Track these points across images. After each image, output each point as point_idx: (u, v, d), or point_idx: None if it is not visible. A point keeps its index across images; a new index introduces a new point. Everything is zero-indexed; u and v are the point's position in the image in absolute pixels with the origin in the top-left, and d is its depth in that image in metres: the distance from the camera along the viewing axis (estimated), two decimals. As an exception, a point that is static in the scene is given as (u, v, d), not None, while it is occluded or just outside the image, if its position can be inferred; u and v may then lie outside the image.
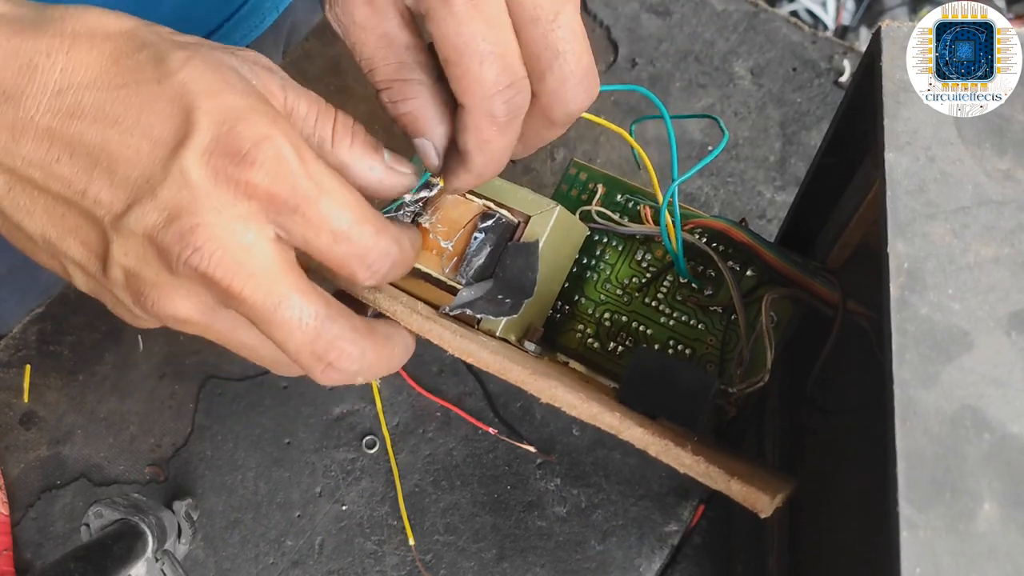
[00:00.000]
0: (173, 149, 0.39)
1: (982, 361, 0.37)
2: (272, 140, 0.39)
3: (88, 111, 0.39)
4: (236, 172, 0.39)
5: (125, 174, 0.39)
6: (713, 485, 0.45)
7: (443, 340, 0.50)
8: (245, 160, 0.39)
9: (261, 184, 0.39)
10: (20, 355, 0.79)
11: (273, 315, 0.41)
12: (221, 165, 0.39)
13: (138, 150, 0.39)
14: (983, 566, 0.33)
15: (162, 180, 0.39)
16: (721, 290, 0.57)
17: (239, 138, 0.39)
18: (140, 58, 0.40)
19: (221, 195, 0.39)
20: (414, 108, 0.47)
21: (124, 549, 0.63)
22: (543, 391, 0.47)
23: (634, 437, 0.46)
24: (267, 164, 0.39)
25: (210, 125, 0.39)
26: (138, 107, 0.39)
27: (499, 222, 0.55)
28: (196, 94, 0.39)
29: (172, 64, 0.40)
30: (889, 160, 0.41)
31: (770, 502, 0.44)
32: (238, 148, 0.39)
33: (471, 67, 0.43)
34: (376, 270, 0.44)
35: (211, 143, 0.39)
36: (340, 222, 0.41)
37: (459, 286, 0.55)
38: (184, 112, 0.39)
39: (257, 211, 0.40)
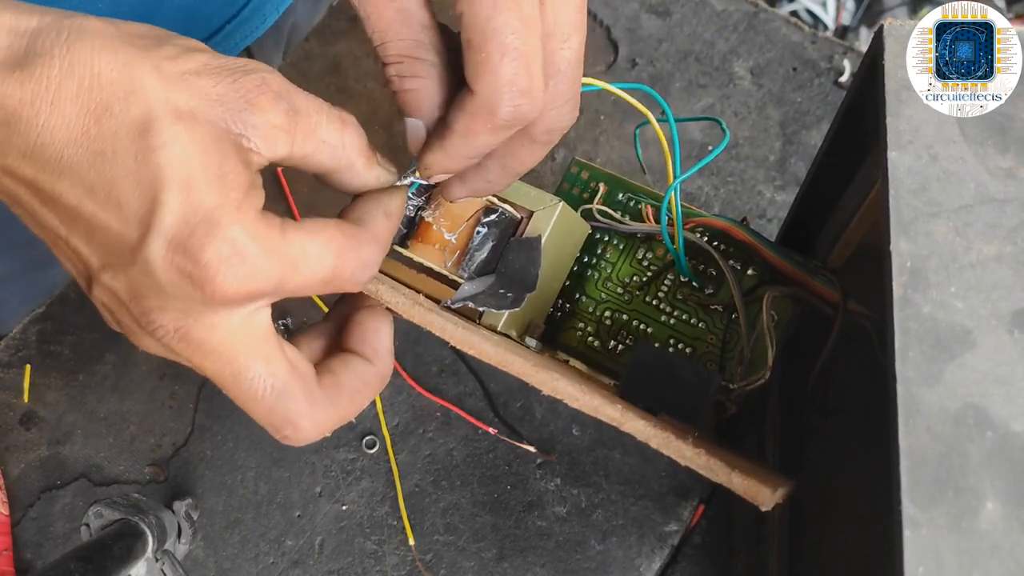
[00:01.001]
0: (139, 238, 0.38)
1: (985, 359, 0.37)
2: (234, 244, 0.39)
3: (66, 172, 0.39)
4: (200, 278, 0.38)
5: (100, 241, 0.39)
6: (714, 478, 0.45)
7: (445, 332, 0.49)
8: (207, 269, 0.38)
9: (229, 290, 0.39)
10: (20, 355, 0.79)
11: (232, 385, 0.42)
12: (184, 267, 0.38)
13: (108, 225, 0.39)
14: (986, 564, 0.33)
15: (130, 263, 0.39)
16: (722, 289, 0.57)
17: (199, 245, 0.38)
18: (125, 120, 0.38)
19: (186, 291, 0.39)
20: (421, 87, 0.46)
21: (124, 549, 0.63)
22: (544, 383, 0.47)
23: (636, 429, 0.46)
24: (231, 271, 0.39)
25: (172, 223, 0.38)
26: (111, 182, 0.38)
27: (502, 217, 0.55)
28: (165, 185, 0.38)
29: (154, 139, 0.38)
30: (892, 159, 0.41)
31: (771, 494, 0.44)
32: (198, 256, 0.38)
33: (492, 56, 0.42)
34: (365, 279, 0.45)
35: (172, 242, 0.38)
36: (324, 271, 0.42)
37: (461, 280, 0.55)
38: (151, 201, 0.38)
39: (229, 306, 0.40)
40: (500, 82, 0.43)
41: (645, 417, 0.47)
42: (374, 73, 0.89)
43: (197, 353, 0.41)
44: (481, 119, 0.44)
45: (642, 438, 0.46)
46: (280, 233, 0.40)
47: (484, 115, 0.44)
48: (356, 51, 0.90)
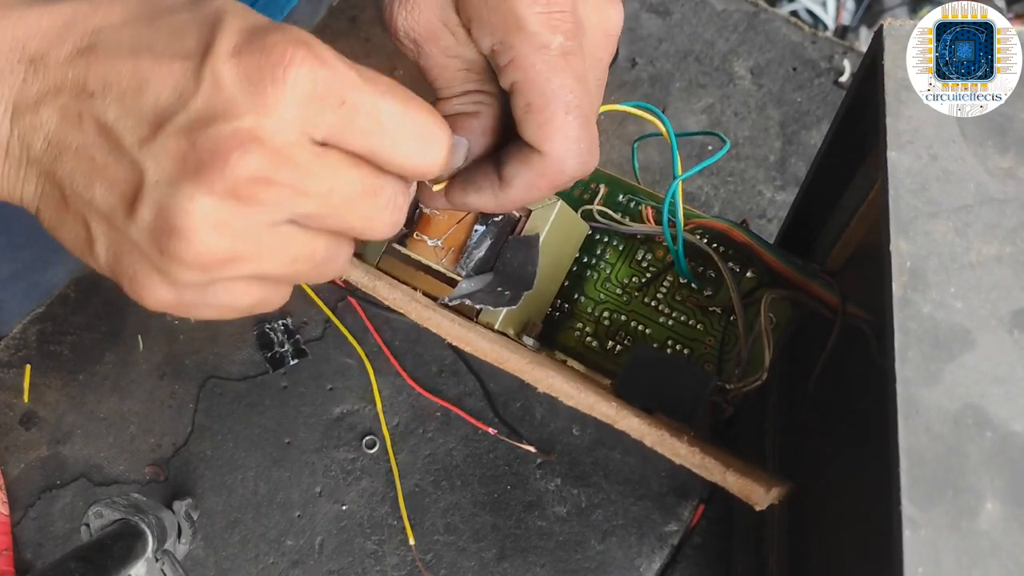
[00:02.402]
0: (202, 57, 0.38)
1: (984, 359, 0.37)
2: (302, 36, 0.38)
3: (124, 44, 0.39)
4: (271, 68, 0.37)
5: (156, 95, 0.38)
6: (709, 477, 0.45)
7: (442, 328, 0.50)
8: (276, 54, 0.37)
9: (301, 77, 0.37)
10: (20, 355, 0.79)
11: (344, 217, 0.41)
12: (254, 63, 0.37)
13: (169, 69, 0.38)
14: (985, 564, 0.33)
15: (194, 90, 0.38)
16: (720, 291, 0.57)
17: (267, 37, 0.38)
18: None
19: (259, 96, 0.37)
20: (483, 111, 0.47)
21: (124, 549, 0.63)
22: (540, 380, 0.47)
23: (630, 427, 0.46)
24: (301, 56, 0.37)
25: (236, 31, 0.38)
26: (170, 32, 0.39)
27: (500, 215, 0.55)
28: (225, 12, 0.38)
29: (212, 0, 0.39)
30: (891, 159, 0.41)
31: (765, 494, 0.44)
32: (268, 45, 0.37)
33: (556, 116, 0.44)
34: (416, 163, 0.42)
35: (240, 44, 0.37)
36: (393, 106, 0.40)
37: (459, 278, 0.55)
38: (211, 25, 0.38)
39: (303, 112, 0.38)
40: (569, 141, 0.44)
41: (640, 415, 0.47)
42: (374, 73, 0.89)
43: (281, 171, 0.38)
44: (548, 177, 0.45)
45: (636, 436, 0.46)
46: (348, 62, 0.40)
47: (553, 173, 0.45)
48: (356, 51, 0.90)
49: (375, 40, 0.91)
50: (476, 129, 0.48)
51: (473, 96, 0.47)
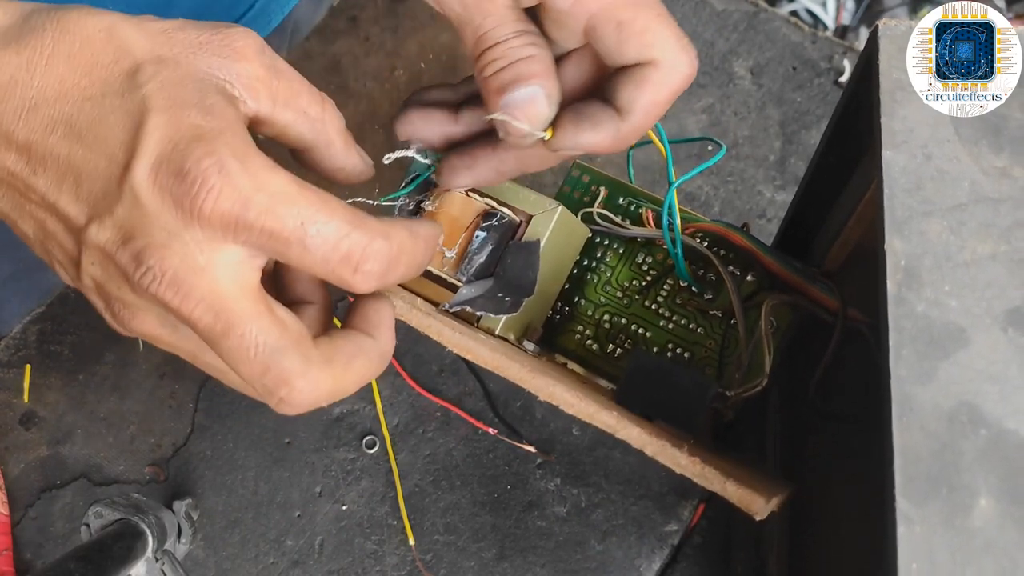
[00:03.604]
0: (124, 167, 0.39)
1: (979, 357, 0.37)
2: (219, 160, 0.38)
3: (59, 125, 0.39)
4: (182, 194, 0.38)
5: (88, 189, 0.39)
6: (709, 486, 0.45)
7: (442, 336, 0.50)
8: (187, 180, 0.38)
9: (208, 205, 0.38)
10: (20, 355, 0.79)
11: (221, 341, 0.40)
12: (167, 185, 0.38)
13: (96, 166, 0.39)
14: (979, 561, 0.33)
15: (117, 198, 0.39)
16: (721, 294, 0.57)
17: (184, 159, 0.38)
18: (112, 69, 0.40)
19: (170, 217, 0.38)
20: (536, 53, 0.46)
21: (124, 549, 0.63)
22: (541, 389, 0.47)
23: (631, 436, 0.46)
24: (211, 182, 0.38)
25: (156, 143, 0.38)
26: (99, 120, 0.39)
27: (501, 221, 0.55)
28: (149, 110, 0.39)
29: (140, 77, 0.39)
30: (886, 158, 0.41)
31: (765, 504, 0.44)
32: (182, 169, 0.38)
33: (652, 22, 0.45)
34: (368, 270, 0.41)
35: (156, 162, 0.38)
36: (305, 226, 0.39)
37: (459, 283, 0.55)
38: (135, 127, 0.39)
39: (212, 235, 0.39)
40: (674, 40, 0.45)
41: (641, 424, 0.47)
42: (374, 73, 0.89)
43: (186, 301, 0.39)
44: (669, 85, 0.46)
45: (637, 445, 0.46)
46: (270, 166, 0.39)
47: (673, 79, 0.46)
48: (356, 51, 0.90)
49: (375, 40, 0.91)
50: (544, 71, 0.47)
51: (526, 38, 0.47)
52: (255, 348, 0.40)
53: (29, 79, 0.40)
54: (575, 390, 0.47)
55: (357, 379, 0.44)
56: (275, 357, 0.40)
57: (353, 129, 0.50)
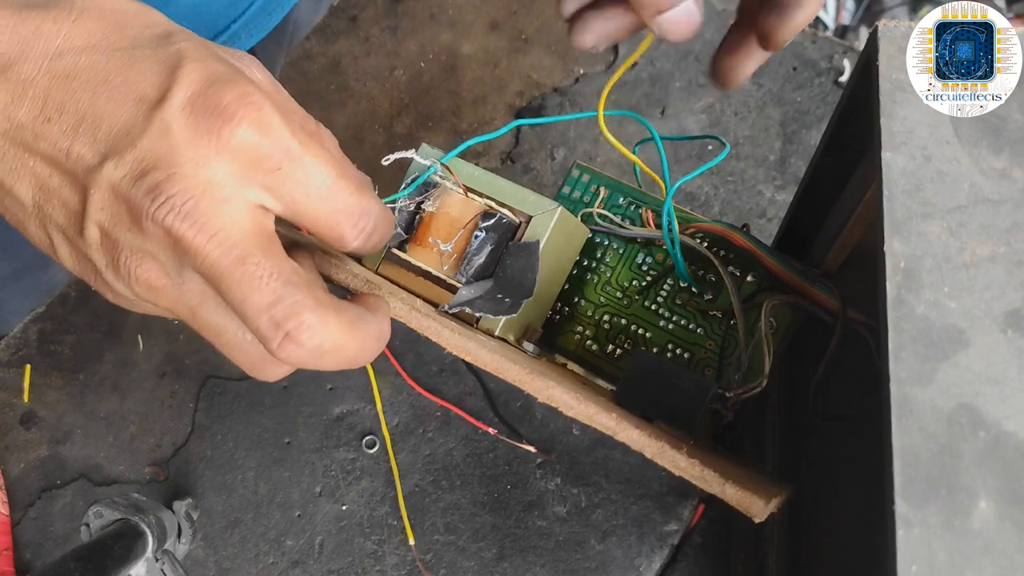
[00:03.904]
0: (156, 101, 0.39)
1: (978, 359, 0.37)
2: (254, 96, 0.39)
3: (83, 72, 0.40)
4: (219, 125, 0.39)
5: (108, 129, 0.40)
6: (708, 488, 0.45)
7: (441, 338, 0.50)
8: (227, 113, 0.39)
9: (244, 139, 0.39)
10: (20, 355, 0.79)
11: (234, 271, 0.39)
12: (203, 118, 0.39)
13: (123, 106, 0.39)
14: (978, 563, 0.33)
15: (143, 132, 0.39)
16: (721, 295, 0.57)
17: (222, 92, 0.39)
18: (144, 30, 0.41)
19: (201, 149, 0.39)
20: None
21: (124, 549, 0.63)
22: (540, 390, 0.47)
23: (630, 439, 0.46)
24: (249, 118, 0.39)
25: (194, 81, 0.39)
26: (129, 67, 0.40)
27: (500, 222, 0.55)
28: (185, 57, 0.40)
29: (174, 38, 0.40)
30: (885, 159, 0.41)
31: (764, 507, 0.44)
32: (220, 102, 0.39)
33: None
34: (362, 228, 0.44)
35: (194, 95, 0.39)
36: (324, 179, 0.41)
37: (459, 284, 0.55)
38: (170, 70, 0.39)
39: (239, 170, 0.40)
40: None
41: (640, 426, 0.47)
42: (374, 73, 0.89)
43: (203, 231, 0.39)
44: None
45: (637, 447, 0.46)
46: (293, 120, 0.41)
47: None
48: (356, 51, 0.90)
49: (375, 40, 0.91)
50: None
51: None
52: (268, 277, 0.40)
53: (56, 30, 0.40)
54: (574, 391, 0.47)
55: (359, 343, 0.43)
56: (288, 288, 0.40)
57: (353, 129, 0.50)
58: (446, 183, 0.56)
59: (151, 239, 0.40)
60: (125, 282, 0.42)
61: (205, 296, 0.43)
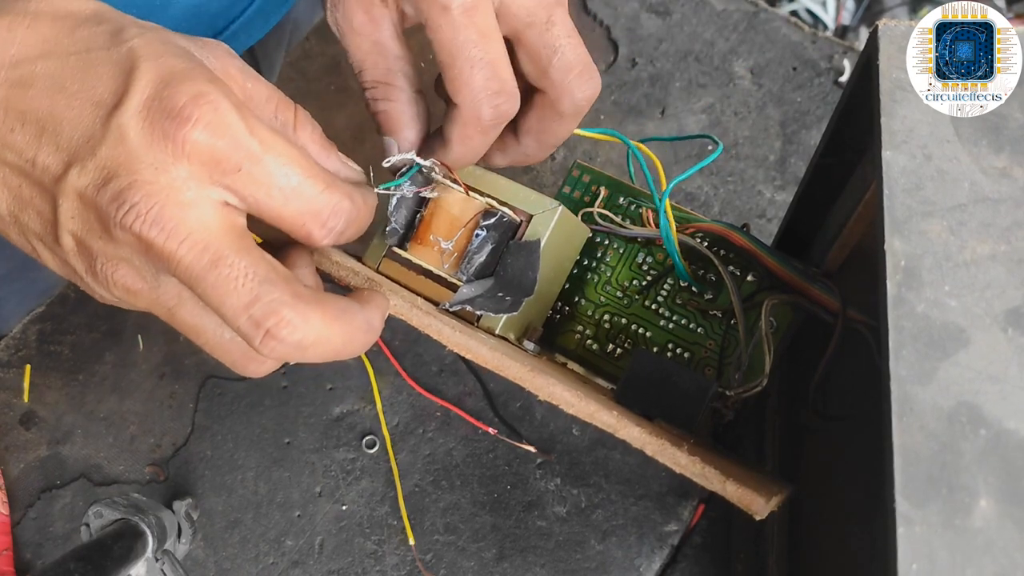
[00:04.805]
0: (112, 107, 0.39)
1: (979, 358, 0.37)
2: (209, 96, 0.39)
3: (40, 80, 0.40)
4: (174, 129, 0.38)
5: (68, 136, 0.39)
6: (708, 486, 0.45)
7: (442, 336, 0.50)
8: (182, 116, 0.38)
9: (200, 141, 0.39)
10: (20, 355, 0.79)
11: (208, 274, 0.39)
12: (158, 121, 0.38)
13: (81, 112, 0.39)
14: (979, 561, 0.33)
15: (101, 138, 0.39)
16: (721, 294, 0.57)
17: (176, 94, 0.38)
18: (96, 30, 0.40)
19: (159, 153, 0.39)
20: (391, 109, 0.51)
21: (124, 549, 0.63)
22: (541, 388, 0.47)
23: (631, 436, 0.46)
24: (205, 120, 0.39)
25: (148, 83, 0.39)
26: (85, 72, 0.39)
27: (501, 220, 0.55)
28: (140, 57, 0.39)
29: (126, 35, 0.40)
30: (886, 158, 0.41)
31: (765, 504, 0.44)
32: (175, 104, 0.38)
33: (463, 71, 0.47)
34: (332, 227, 0.43)
35: (148, 99, 0.38)
36: (288, 178, 0.41)
37: (460, 283, 0.55)
38: (125, 73, 0.39)
39: (199, 171, 0.39)
40: (476, 91, 0.48)
41: (640, 424, 0.47)
42: (374, 74, 0.89)
43: (172, 236, 0.39)
44: (471, 126, 0.49)
45: (637, 445, 0.46)
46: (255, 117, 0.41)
47: (472, 122, 0.49)
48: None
49: (375, 41, 0.91)
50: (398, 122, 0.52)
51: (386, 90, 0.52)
52: (244, 278, 0.40)
53: (10, 37, 0.40)
54: (575, 389, 0.47)
55: (345, 335, 0.43)
56: (264, 286, 0.40)
57: (352, 129, 0.50)
58: (447, 182, 0.56)
59: (123, 245, 0.40)
60: (103, 287, 0.43)
61: (182, 297, 0.43)
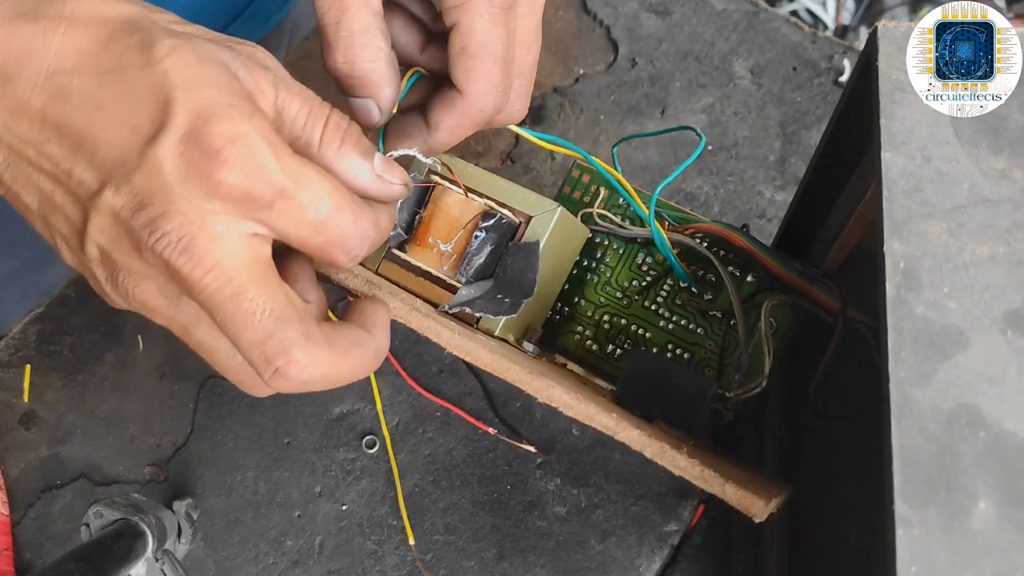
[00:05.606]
0: (149, 138, 0.39)
1: (977, 359, 0.37)
2: (245, 138, 0.39)
3: (76, 94, 0.40)
4: (209, 170, 0.39)
5: (104, 156, 0.40)
6: (708, 488, 0.45)
7: (441, 338, 0.50)
8: (218, 158, 0.39)
9: (234, 183, 0.39)
10: (20, 355, 0.79)
11: (228, 305, 0.41)
12: (194, 159, 0.39)
13: (117, 135, 0.40)
14: (978, 563, 0.33)
15: (137, 166, 0.39)
16: (721, 295, 0.57)
17: (213, 134, 0.39)
18: (129, 43, 0.41)
19: (193, 189, 0.39)
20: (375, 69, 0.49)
21: (124, 549, 0.63)
22: (540, 391, 0.47)
23: (630, 439, 0.46)
24: (240, 163, 0.39)
25: (186, 118, 0.39)
26: (120, 93, 0.40)
27: (500, 222, 0.55)
28: (175, 85, 0.40)
29: (158, 51, 0.40)
30: (885, 160, 0.41)
31: (764, 506, 0.44)
32: (211, 144, 0.39)
33: (485, 63, 0.48)
34: (356, 254, 0.44)
35: (185, 136, 0.39)
36: (318, 213, 0.42)
37: (459, 284, 0.55)
38: (162, 102, 0.39)
39: (232, 208, 0.40)
40: (490, 85, 0.48)
41: (640, 426, 0.47)
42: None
43: (199, 266, 0.40)
44: (470, 117, 0.49)
45: (637, 447, 0.46)
46: (289, 152, 0.41)
47: (474, 113, 0.49)
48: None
49: (375, 41, 0.91)
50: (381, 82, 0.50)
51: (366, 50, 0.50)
52: (261, 314, 0.41)
53: (47, 47, 0.40)
54: (574, 392, 0.47)
55: (352, 369, 0.45)
56: (279, 324, 0.41)
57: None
58: (445, 183, 0.56)
59: (150, 266, 0.41)
60: (123, 298, 0.44)
61: (199, 318, 0.44)
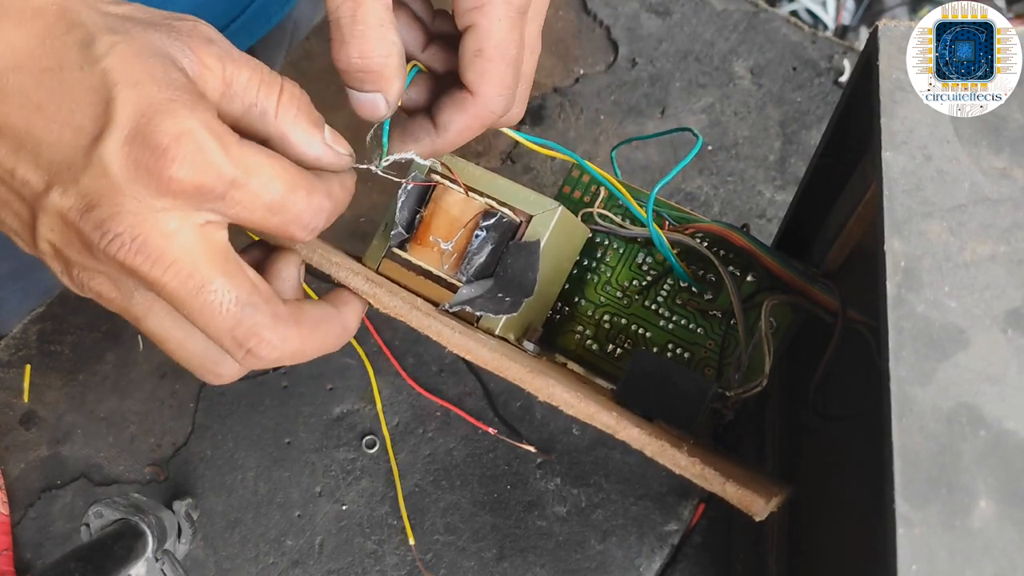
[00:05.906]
0: (94, 138, 0.39)
1: (978, 358, 0.37)
2: (191, 133, 0.39)
3: (14, 95, 0.40)
4: (157, 167, 0.39)
5: (49, 157, 0.40)
6: (708, 487, 0.45)
7: (442, 337, 0.50)
8: (166, 156, 0.39)
9: (184, 179, 0.39)
10: (20, 355, 0.79)
11: (194, 300, 0.41)
12: (141, 158, 0.39)
13: (60, 135, 0.39)
14: (979, 562, 0.33)
15: (83, 167, 0.39)
16: (721, 295, 0.57)
17: (158, 132, 0.39)
18: (67, 40, 0.40)
19: (142, 188, 0.39)
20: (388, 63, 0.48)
21: (124, 549, 0.63)
22: (541, 389, 0.47)
23: (631, 437, 0.46)
24: (188, 158, 0.39)
25: (129, 117, 0.39)
26: (60, 93, 0.40)
27: (501, 221, 0.55)
28: (116, 84, 0.39)
29: (98, 49, 0.40)
30: (886, 159, 0.41)
31: (764, 505, 0.44)
32: (157, 143, 0.39)
33: (500, 66, 0.48)
34: (314, 227, 0.45)
35: (130, 135, 0.39)
36: (272, 196, 0.42)
37: (460, 283, 0.55)
38: (104, 102, 0.39)
39: (182, 203, 0.40)
40: (501, 87, 0.49)
41: (640, 425, 0.47)
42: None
43: (157, 265, 0.40)
44: (480, 118, 0.50)
45: (637, 446, 0.46)
46: (236, 139, 0.41)
47: (485, 115, 0.50)
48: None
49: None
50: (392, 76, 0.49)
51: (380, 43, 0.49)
52: (228, 303, 0.42)
53: None
54: (575, 391, 0.47)
55: (320, 344, 0.46)
56: (247, 311, 0.42)
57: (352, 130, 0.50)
58: (446, 182, 0.56)
59: (103, 264, 0.41)
60: (77, 288, 0.44)
61: (152, 309, 0.45)
